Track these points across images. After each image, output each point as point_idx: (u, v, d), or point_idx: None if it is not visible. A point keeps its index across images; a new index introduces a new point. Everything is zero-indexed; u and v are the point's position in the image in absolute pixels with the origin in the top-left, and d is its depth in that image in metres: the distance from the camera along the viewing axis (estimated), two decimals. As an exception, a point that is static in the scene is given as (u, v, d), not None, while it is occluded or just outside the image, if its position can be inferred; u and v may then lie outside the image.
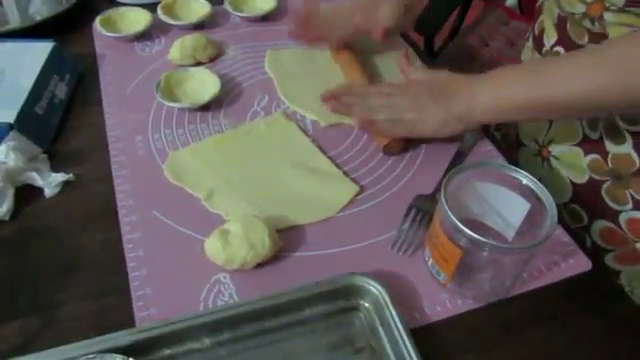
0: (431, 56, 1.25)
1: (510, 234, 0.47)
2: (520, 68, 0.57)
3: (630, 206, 0.60)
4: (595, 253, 0.63)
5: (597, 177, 0.62)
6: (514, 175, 0.46)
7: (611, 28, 0.55)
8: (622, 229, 0.61)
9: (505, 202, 0.47)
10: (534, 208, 0.45)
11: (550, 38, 0.64)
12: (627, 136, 0.58)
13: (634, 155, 0.58)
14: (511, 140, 0.74)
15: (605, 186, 0.62)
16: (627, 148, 0.59)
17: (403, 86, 0.62)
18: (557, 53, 0.62)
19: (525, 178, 0.46)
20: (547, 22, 0.65)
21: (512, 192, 0.46)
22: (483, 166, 0.47)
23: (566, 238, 0.53)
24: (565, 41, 0.61)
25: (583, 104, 0.50)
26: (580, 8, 0.57)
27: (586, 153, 0.62)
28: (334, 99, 0.61)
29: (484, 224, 0.48)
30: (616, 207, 0.61)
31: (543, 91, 0.52)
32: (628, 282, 0.63)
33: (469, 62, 1.36)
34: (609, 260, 0.63)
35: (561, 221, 0.54)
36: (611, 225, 0.62)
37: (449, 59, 1.35)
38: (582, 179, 0.64)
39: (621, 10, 0.53)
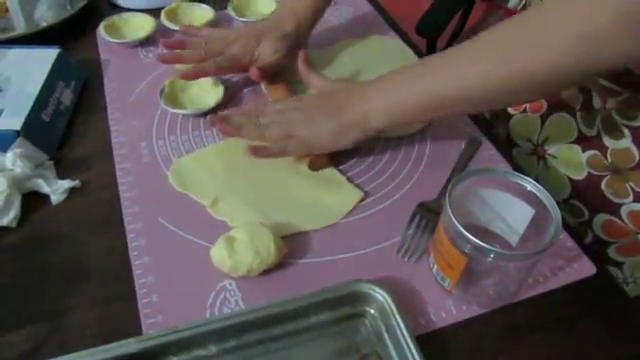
0: (432, 50, 1.25)
1: (514, 240, 0.47)
2: (411, 68, 0.54)
3: (631, 198, 0.61)
4: (597, 246, 0.64)
5: (596, 172, 0.62)
6: (518, 181, 0.46)
7: None
8: (623, 221, 0.62)
9: (509, 208, 0.47)
10: (538, 214, 0.45)
11: None
12: (625, 131, 0.59)
13: (634, 149, 0.59)
14: (501, 140, 0.74)
15: (605, 180, 0.62)
16: (626, 143, 0.59)
17: (297, 100, 0.59)
18: None
19: (529, 184, 0.46)
20: None
21: (516, 198, 0.46)
22: (487, 173, 0.48)
23: (570, 243, 0.53)
24: None
25: (480, 95, 0.48)
26: None
27: (584, 149, 0.63)
28: (223, 121, 0.56)
29: (488, 230, 0.48)
30: (616, 200, 0.62)
31: (434, 89, 0.50)
32: (631, 273, 0.65)
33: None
34: (612, 252, 0.64)
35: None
36: (612, 218, 0.62)
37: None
38: (581, 175, 0.64)
39: None
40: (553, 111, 0.66)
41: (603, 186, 0.62)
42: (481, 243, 0.41)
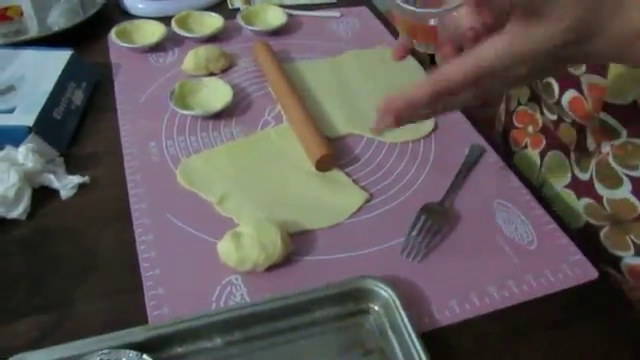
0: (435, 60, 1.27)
1: None
2: None
3: (632, 252, 0.58)
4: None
5: (595, 222, 0.60)
6: None
7: None
8: (623, 275, 0.59)
9: None
10: None
11: None
12: (625, 179, 0.56)
13: (634, 200, 0.55)
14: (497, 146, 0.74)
15: (604, 231, 0.60)
16: (624, 193, 0.56)
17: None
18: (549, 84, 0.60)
19: None
20: None
21: None
22: None
23: (572, 247, 0.54)
24: None
25: None
26: None
27: (579, 196, 0.61)
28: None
29: None
30: (617, 253, 0.59)
31: None
32: None
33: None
34: None
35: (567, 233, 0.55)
36: (612, 271, 0.59)
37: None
38: (579, 224, 0.62)
39: None
40: (551, 148, 0.65)
41: (602, 237, 0.59)
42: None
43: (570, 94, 0.59)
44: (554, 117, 0.64)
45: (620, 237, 0.58)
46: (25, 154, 0.54)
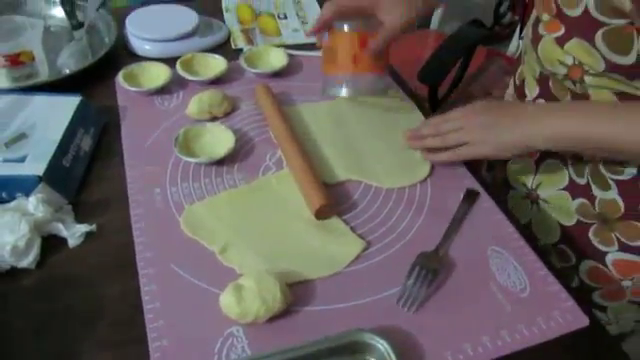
0: (434, 105, 1.30)
1: None
2: (598, 106, 0.58)
3: (616, 247, 0.64)
4: (582, 291, 0.66)
5: (585, 220, 0.66)
6: None
7: (593, 90, 0.59)
8: (608, 269, 0.65)
9: None
10: None
11: (532, 91, 0.68)
12: (612, 183, 0.62)
13: (619, 201, 0.62)
14: (499, 183, 0.77)
15: (593, 229, 0.65)
16: (613, 194, 0.63)
17: (464, 111, 0.65)
18: None
19: None
20: (528, 75, 0.69)
21: None
22: None
23: (564, 294, 0.55)
24: (547, 97, 0.65)
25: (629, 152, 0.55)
26: (561, 69, 0.61)
27: (574, 197, 0.66)
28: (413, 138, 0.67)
29: None
30: (603, 248, 0.65)
31: (615, 135, 0.54)
32: (614, 315, 0.68)
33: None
34: (596, 297, 0.68)
35: (551, 266, 0.58)
36: (598, 265, 0.66)
37: (453, 107, 1.39)
38: (570, 222, 0.67)
39: (601, 74, 0.57)
40: (547, 157, 0.70)
41: (591, 234, 0.66)
42: None
43: None
44: None
45: (606, 234, 0.65)
46: (35, 204, 0.56)
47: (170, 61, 0.84)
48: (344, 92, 0.72)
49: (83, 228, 0.58)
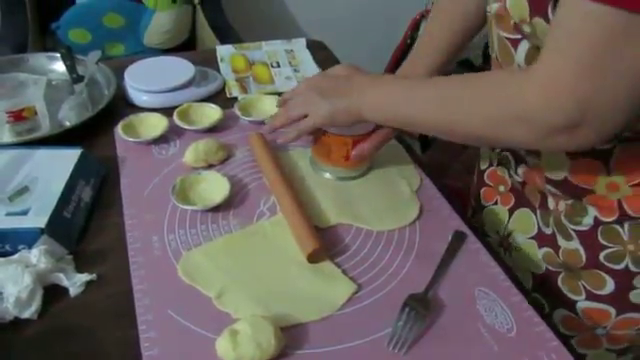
0: (425, 145, 1.34)
1: None
2: (403, 83, 0.64)
3: (584, 296, 0.65)
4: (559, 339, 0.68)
5: (552, 269, 0.67)
6: None
7: None
8: (579, 317, 0.66)
9: None
10: None
11: None
12: (573, 234, 0.64)
13: (581, 251, 0.64)
14: (480, 231, 0.80)
15: (560, 277, 0.67)
16: (575, 244, 0.64)
17: (307, 81, 0.70)
18: None
19: None
20: None
21: None
22: None
23: (549, 333, 0.57)
24: None
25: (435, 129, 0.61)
26: None
27: (540, 246, 0.68)
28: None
29: None
30: (572, 297, 0.66)
31: (408, 113, 0.60)
32: None
33: (462, 149, 1.45)
34: (574, 345, 0.67)
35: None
36: (570, 314, 0.67)
37: (442, 147, 1.43)
38: (540, 270, 0.69)
39: None
40: (519, 206, 0.72)
41: (559, 282, 0.67)
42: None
43: (522, 168, 0.70)
44: (520, 179, 0.72)
45: (574, 283, 0.67)
46: (38, 256, 0.59)
47: (167, 110, 0.87)
48: (332, 177, 0.77)
49: (84, 277, 0.60)
